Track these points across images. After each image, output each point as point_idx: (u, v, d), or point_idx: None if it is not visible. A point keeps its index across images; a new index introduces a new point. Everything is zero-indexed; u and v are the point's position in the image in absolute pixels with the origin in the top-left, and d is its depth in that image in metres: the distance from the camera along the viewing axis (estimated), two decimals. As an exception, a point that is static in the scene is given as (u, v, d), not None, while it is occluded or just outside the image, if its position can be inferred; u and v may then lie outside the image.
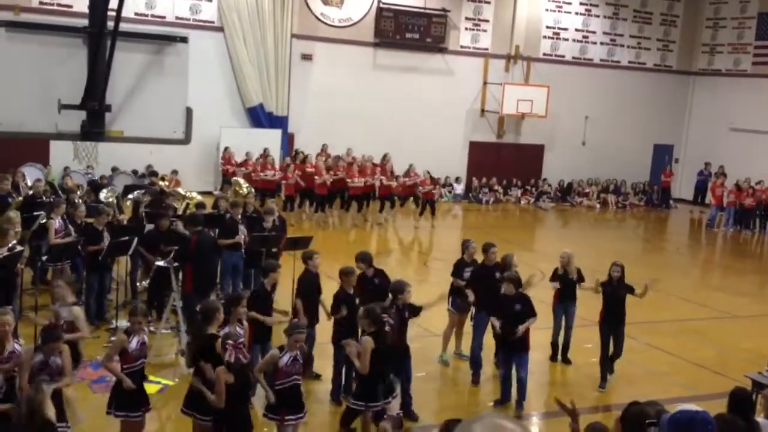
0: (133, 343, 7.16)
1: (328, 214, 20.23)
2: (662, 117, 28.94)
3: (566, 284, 10.71)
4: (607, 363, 10.17)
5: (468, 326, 10.47)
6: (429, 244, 19.58)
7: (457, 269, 10.51)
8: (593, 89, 27.61)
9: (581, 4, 27.67)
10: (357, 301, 9.08)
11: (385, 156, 21.35)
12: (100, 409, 7.43)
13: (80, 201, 12.84)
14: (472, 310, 10.24)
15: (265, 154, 20.62)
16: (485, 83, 26.39)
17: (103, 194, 14.15)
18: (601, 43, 28.22)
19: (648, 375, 10.59)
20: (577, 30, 27.73)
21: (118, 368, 7.11)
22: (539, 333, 11.19)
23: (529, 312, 9.28)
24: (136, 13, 20.54)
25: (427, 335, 11.07)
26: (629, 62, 28.73)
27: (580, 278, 10.76)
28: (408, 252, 18.75)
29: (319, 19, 24.01)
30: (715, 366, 11.18)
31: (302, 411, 7.26)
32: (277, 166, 20.46)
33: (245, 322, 7.83)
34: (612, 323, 10.08)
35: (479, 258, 10.42)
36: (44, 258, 11.33)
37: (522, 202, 26.75)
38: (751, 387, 8.05)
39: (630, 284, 10.17)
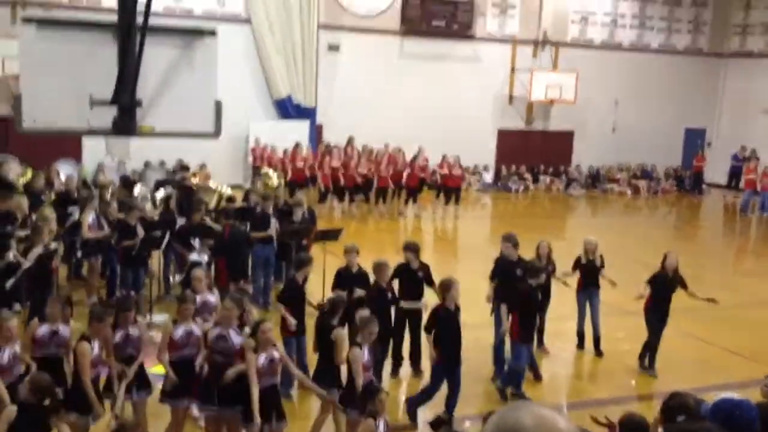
0: (179, 332, 7.24)
1: (356, 206, 20.23)
2: (694, 100, 28.52)
3: (591, 272, 10.64)
4: (655, 352, 10.09)
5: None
6: (460, 234, 19.55)
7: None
8: (623, 73, 27.25)
9: (610, -13, 27.36)
10: (389, 295, 9.10)
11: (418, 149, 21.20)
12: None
13: (112, 196, 12.97)
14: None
15: (296, 147, 20.66)
16: (513, 70, 26.19)
17: (136, 190, 14.30)
18: (630, 27, 27.85)
19: (682, 362, 10.48)
20: (605, 14, 27.40)
21: (167, 359, 7.23)
22: (565, 322, 11.13)
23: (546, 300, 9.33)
24: (164, 8, 20.64)
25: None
26: (659, 45, 28.34)
27: (603, 265, 10.68)
28: (439, 242, 18.74)
29: (345, 9, 23.98)
30: (750, 353, 11.04)
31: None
32: (307, 158, 20.49)
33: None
34: (663, 314, 10.01)
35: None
36: (79, 253, 11.49)
37: (552, 189, 26.55)
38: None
39: (682, 276, 10.08)
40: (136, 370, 7.20)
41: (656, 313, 10.02)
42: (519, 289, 9.18)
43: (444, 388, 8.52)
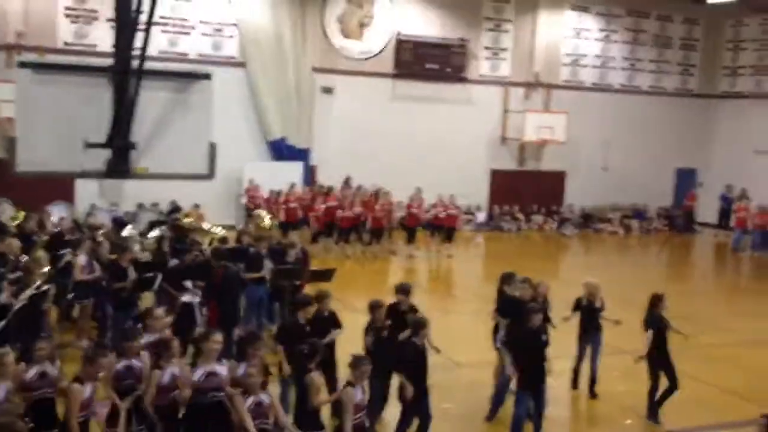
0: (166, 376, 7.20)
1: (349, 246, 20.27)
2: (684, 141, 28.78)
3: (592, 314, 10.64)
4: (656, 396, 9.98)
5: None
6: (454, 274, 19.55)
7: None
8: (614, 114, 27.55)
9: (600, 30, 27.74)
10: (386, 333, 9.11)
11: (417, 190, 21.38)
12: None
13: (104, 238, 12.97)
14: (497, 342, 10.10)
15: (291, 187, 20.75)
16: (506, 111, 26.44)
17: (126, 231, 14.29)
18: (621, 69, 28.21)
19: (677, 402, 10.42)
20: (596, 56, 27.76)
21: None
22: (560, 362, 11.07)
23: (548, 342, 9.20)
24: (159, 51, 20.80)
25: (453, 366, 11.01)
26: (650, 87, 28.68)
27: (603, 307, 10.68)
28: (433, 282, 18.73)
29: (339, 52, 24.26)
30: (745, 392, 11.01)
31: None
32: (301, 198, 20.60)
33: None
34: (666, 355, 9.92)
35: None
36: (70, 296, 11.45)
37: (545, 229, 26.61)
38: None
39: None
40: (136, 403, 7.16)
41: (660, 353, 9.92)
42: (520, 334, 9.14)
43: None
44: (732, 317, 15.91)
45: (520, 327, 9.21)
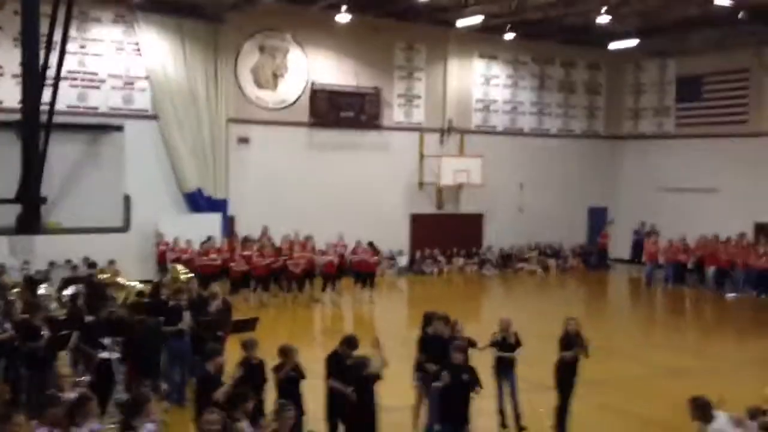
0: None
1: (270, 295, 20.11)
2: (594, 181, 29.79)
3: (505, 349, 10.78)
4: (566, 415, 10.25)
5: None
6: (377, 319, 19.54)
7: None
8: (526, 157, 28.35)
9: (508, 77, 28.62)
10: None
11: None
12: None
13: (18, 297, 12.50)
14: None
15: (208, 239, 20.55)
16: (422, 156, 26.85)
17: (41, 289, 13.81)
18: (530, 113, 29.10)
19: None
20: (505, 102, 28.59)
21: None
22: (485, 401, 11.14)
23: (475, 382, 9.26)
24: (68, 106, 20.41)
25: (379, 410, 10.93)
26: (558, 130, 29.66)
27: (518, 342, 10.86)
28: (357, 328, 18.64)
29: (253, 103, 24.26)
30: (664, 422, 11.26)
31: None
32: (220, 250, 20.40)
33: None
34: (573, 373, 10.31)
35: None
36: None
37: (465, 270, 26.93)
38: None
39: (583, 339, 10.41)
40: None
41: (567, 372, 10.27)
42: (441, 370, 9.20)
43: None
44: (648, 349, 16.36)
45: (442, 363, 9.30)
